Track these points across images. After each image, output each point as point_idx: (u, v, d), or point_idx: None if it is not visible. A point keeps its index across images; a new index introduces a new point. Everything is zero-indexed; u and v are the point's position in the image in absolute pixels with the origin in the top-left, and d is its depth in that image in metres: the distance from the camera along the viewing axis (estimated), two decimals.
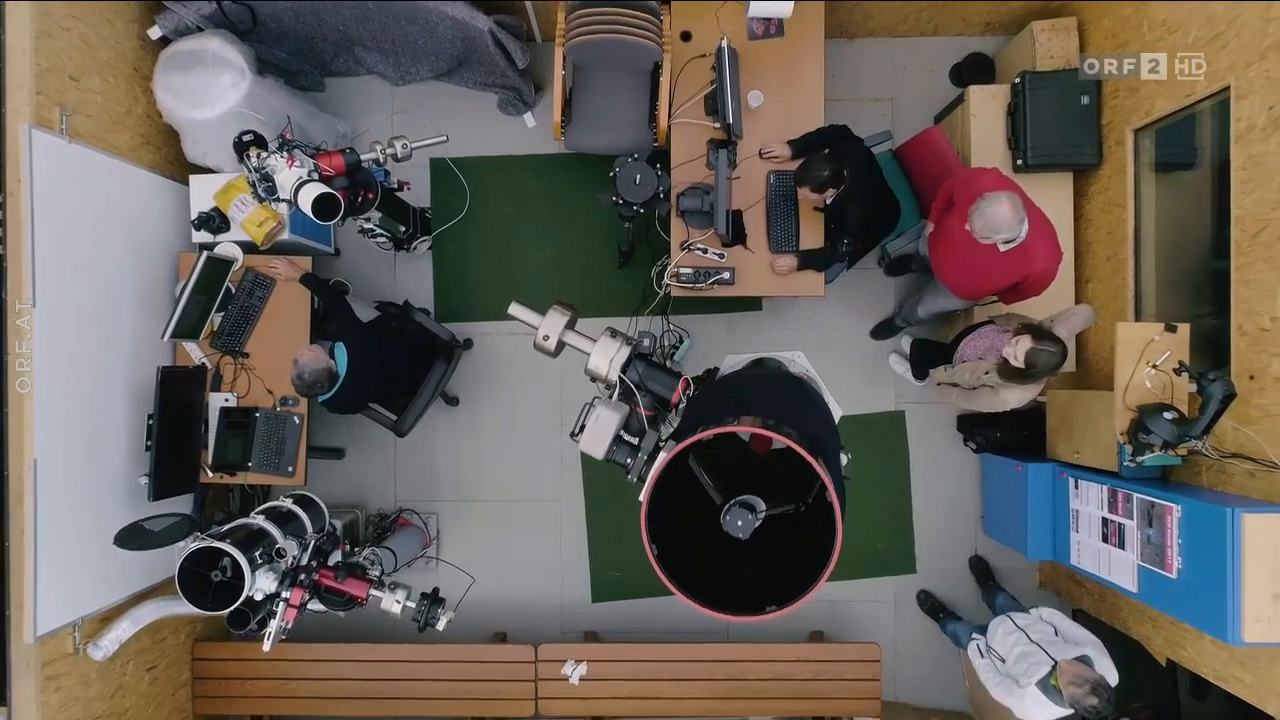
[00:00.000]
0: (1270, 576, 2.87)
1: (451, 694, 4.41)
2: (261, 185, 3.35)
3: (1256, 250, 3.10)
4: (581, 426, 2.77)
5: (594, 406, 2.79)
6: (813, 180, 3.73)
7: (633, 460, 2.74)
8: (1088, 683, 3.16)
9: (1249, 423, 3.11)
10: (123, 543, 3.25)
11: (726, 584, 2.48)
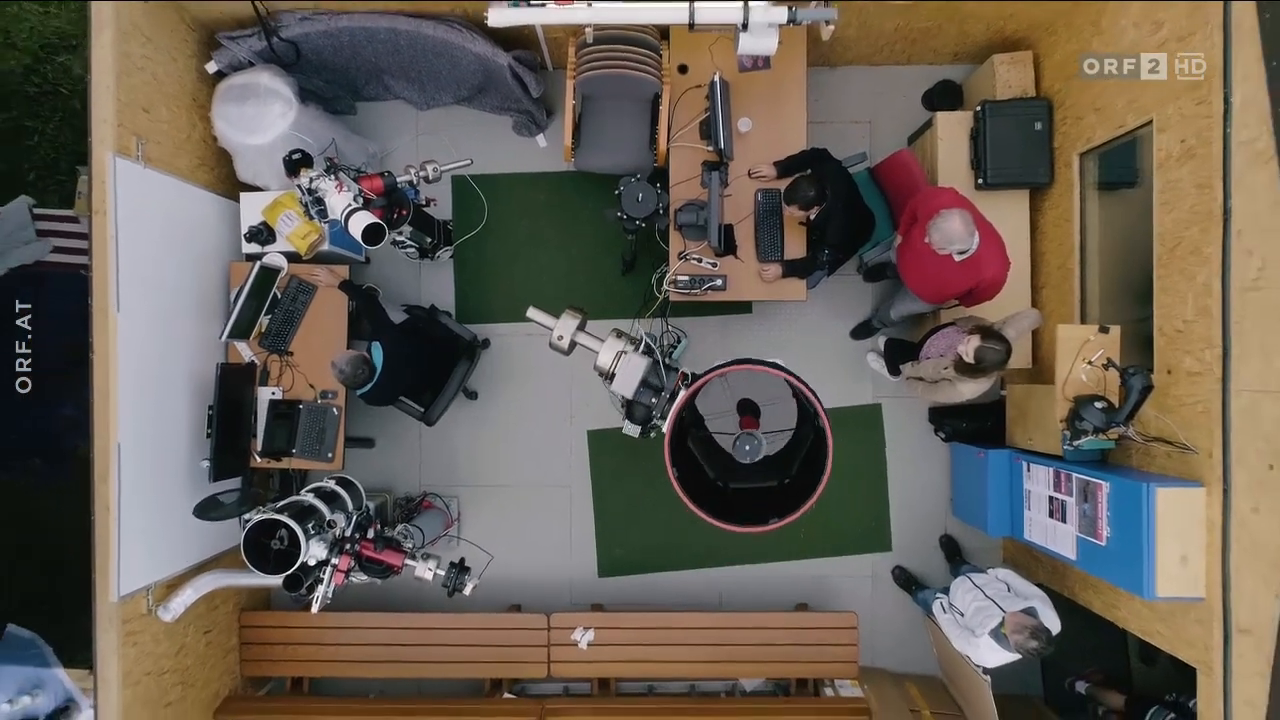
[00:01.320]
0: (1179, 541, 3.36)
1: (472, 658, 4.90)
2: (314, 207, 3.86)
3: (1173, 263, 3.60)
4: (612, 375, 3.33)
5: (625, 355, 3.36)
6: (800, 199, 4.22)
7: (656, 399, 3.30)
8: (1029, 629, 3.67)
9: (1167, 411, 3.60)
10: (201, 513, 3.75)
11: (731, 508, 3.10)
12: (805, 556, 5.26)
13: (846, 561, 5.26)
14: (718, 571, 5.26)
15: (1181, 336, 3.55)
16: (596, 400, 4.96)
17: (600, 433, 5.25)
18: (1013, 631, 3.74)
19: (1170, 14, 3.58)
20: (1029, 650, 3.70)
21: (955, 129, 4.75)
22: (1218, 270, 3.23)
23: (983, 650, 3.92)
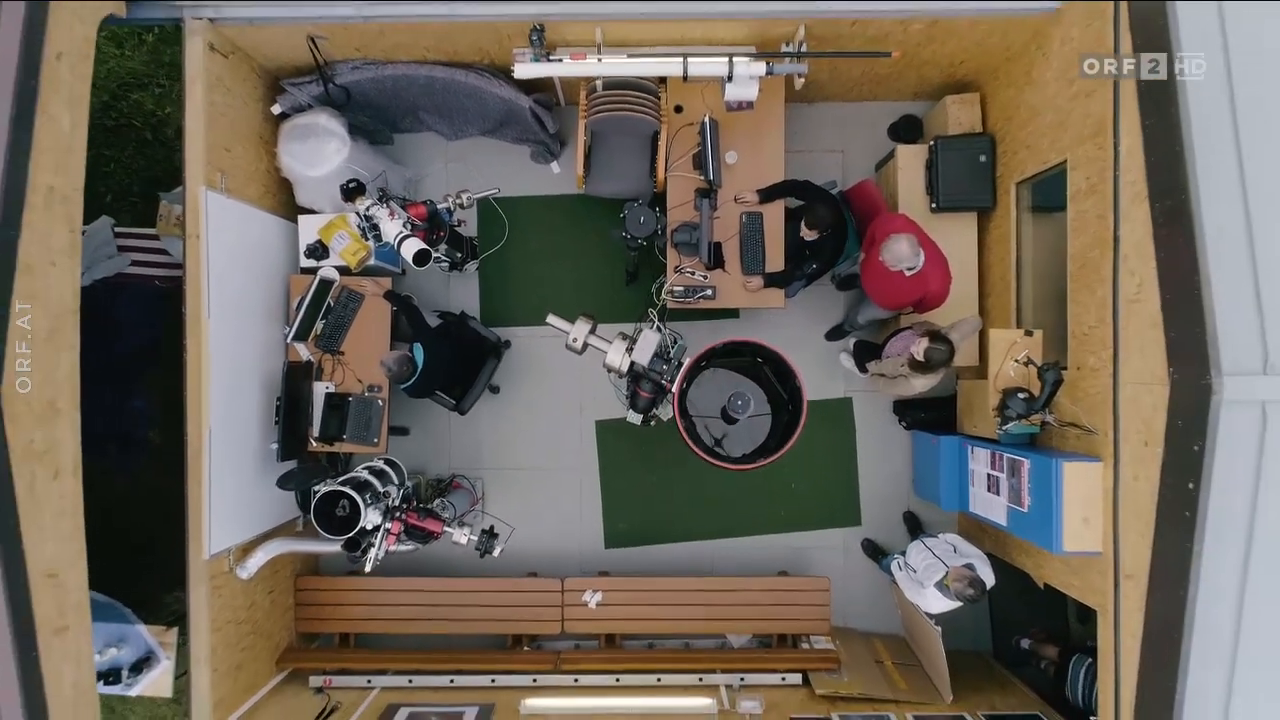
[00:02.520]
0: (1080, 506, 4.12)
1: (495, 617, 5.67)
2: (371, 232, 4.62)
3: (1081, 279, 4.36)
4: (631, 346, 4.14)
5: (643, 330, 4.18)
6: (819, 224, 4.91)
7: (667, 366, 4.10)
8: (967, 579, 4.43)
9: (1077, 401, 4.37)
10: (283, 484, 4.52)
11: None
12: (785, 530, 6.02)
13: (821, 534, 6.02)
14: (709, 543, 6.03)
15: (1087, 339, 4.31)
16: (604, 394, 5.70)
17: (607, 423, 6.01)
18: (954, 581, 4.51)
19: (1066, 90, 4.35)
20: (966, 597, 4.47)
21: (913, 160, 5.51)
22: (1110, 286, 3.99)
23: (929, 598, 4.68)
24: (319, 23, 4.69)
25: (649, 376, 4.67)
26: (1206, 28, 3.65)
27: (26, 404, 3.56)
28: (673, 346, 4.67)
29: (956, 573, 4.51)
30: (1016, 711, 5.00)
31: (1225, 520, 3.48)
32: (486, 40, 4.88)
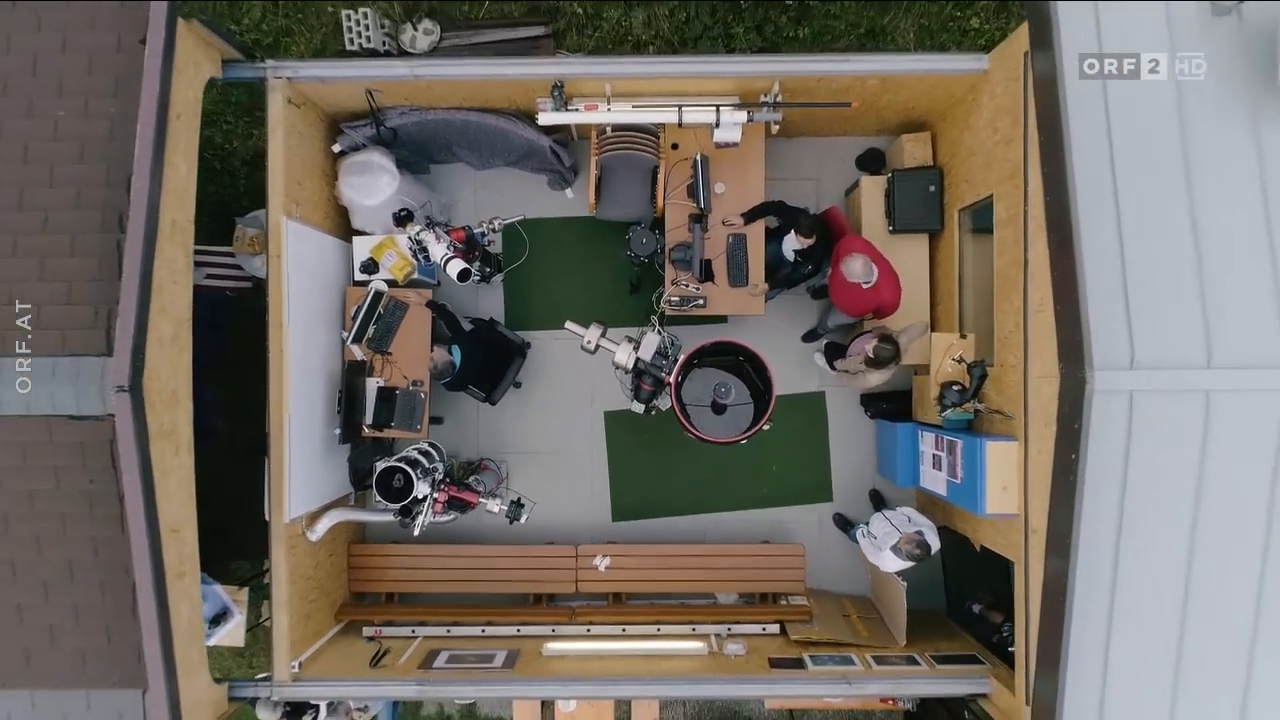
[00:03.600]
0: (1000, 477, 5.08)
1: (518, 578, 6.64)
2: (420, 253, 5.60)
3: (1003, 292, 5.33)
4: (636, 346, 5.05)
5: (645, 333, 5.12)
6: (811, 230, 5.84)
7: (665, 362, 5.03)
8: (915, 542, 5.40)
9: (1000, 392, 5.34)
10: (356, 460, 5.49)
11: None
12: (767, 506, 6.99)
13: (798, 510, 6.99)
14: (702, 517, 7.00)
15: (1007, 341, 5.28)
16: (611, 388, 6.63)
17: (614, 413, 6.97)
18: (905, 544, 5.48)
19: (1002, 123, 5.32)
20: (914, 557, 5.45)
21: (874, 189, 6.48)
22: (1021, 299, 4.95)
23: (886, 559, 5.66)
24: (377, 80, 5.67)
25: (650, 372, 5.65)
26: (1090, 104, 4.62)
27: (159, 394, 4.52)
28: (670, 347, 5.64)
29: (907, 537, 5.49)
30: (958, 652, 5.96)
31: (1101, 483, 4.44)
32: (515, 93, 5.86)
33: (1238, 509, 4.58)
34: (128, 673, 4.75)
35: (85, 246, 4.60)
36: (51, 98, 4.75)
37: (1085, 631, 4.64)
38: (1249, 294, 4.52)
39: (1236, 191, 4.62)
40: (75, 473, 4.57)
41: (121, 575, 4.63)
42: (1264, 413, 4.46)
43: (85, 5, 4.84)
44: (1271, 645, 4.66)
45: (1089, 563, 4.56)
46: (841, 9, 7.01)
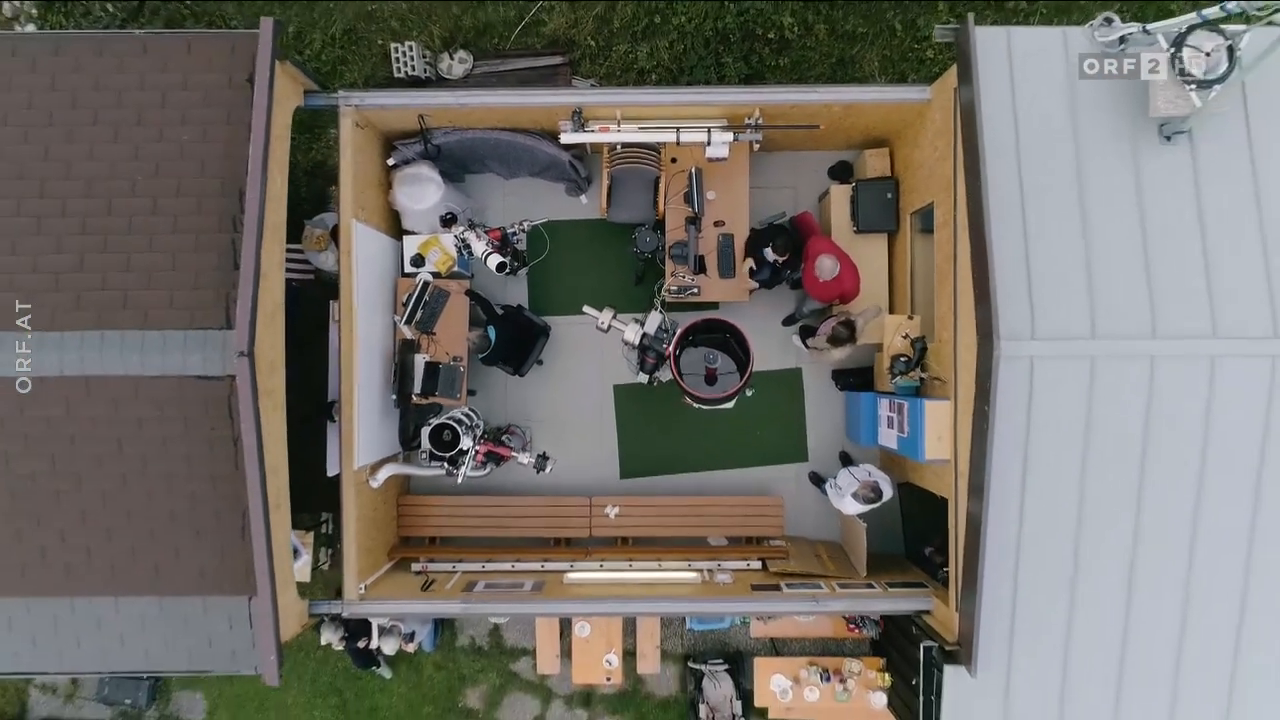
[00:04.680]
0: (936, 429, 6.28)
1: (541, 524, 7.85)
2: (465, 250, 6.81)
3: (941, 281, 6.54)
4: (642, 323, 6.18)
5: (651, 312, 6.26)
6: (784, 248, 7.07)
7: (667, 334, 6.18)
8: (868, 487, 6.61)
9: (939, 362, 6.55)
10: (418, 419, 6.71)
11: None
12: (753, 465, 8.19)
13: (779, 469, 8.19)
14: (697, 475, 8.20)
15: (943, 320, 6.49)
16: (620, 366, 7.82)
17: (622, 386, 8.17)
18: (862, 490, 6.69)
19: (940, 142, 6.52)
20: (869, 500, 6.66)
21: (842, 196, 7.69)
22: (952, 289, 6.16)
23: (847, 503, 6.86)
24: (427, 107, 6.89)
25: (653, 347, 6.86)
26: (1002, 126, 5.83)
27: (265, 360, 5.71)
28: (669, 326, 6.86)
29: (864, 484, 6.70)
30: (908, 580, 7.16)
31: (1009, 432, 5.64)
32: (541, 116, 7.07)
33: (1119, 451, 5.79)
34: (237, 583, 5.95)
35: (206, 243, 5.80)
36: (176, 125, 5.95)
37: (999, 551, 5.84)
38: (1125, 280, 5.74)
39: (1118, 200, 5.85)
40: (199, 422, 5.77)
41: (233, 505, 5.83)
42: (1136, 373, 5.67)
43: (202, 51, 6.05)
44: (1149, 553, 5.86)
45: (1000, 496, 5.74)
46: (815, 42, 8.21)
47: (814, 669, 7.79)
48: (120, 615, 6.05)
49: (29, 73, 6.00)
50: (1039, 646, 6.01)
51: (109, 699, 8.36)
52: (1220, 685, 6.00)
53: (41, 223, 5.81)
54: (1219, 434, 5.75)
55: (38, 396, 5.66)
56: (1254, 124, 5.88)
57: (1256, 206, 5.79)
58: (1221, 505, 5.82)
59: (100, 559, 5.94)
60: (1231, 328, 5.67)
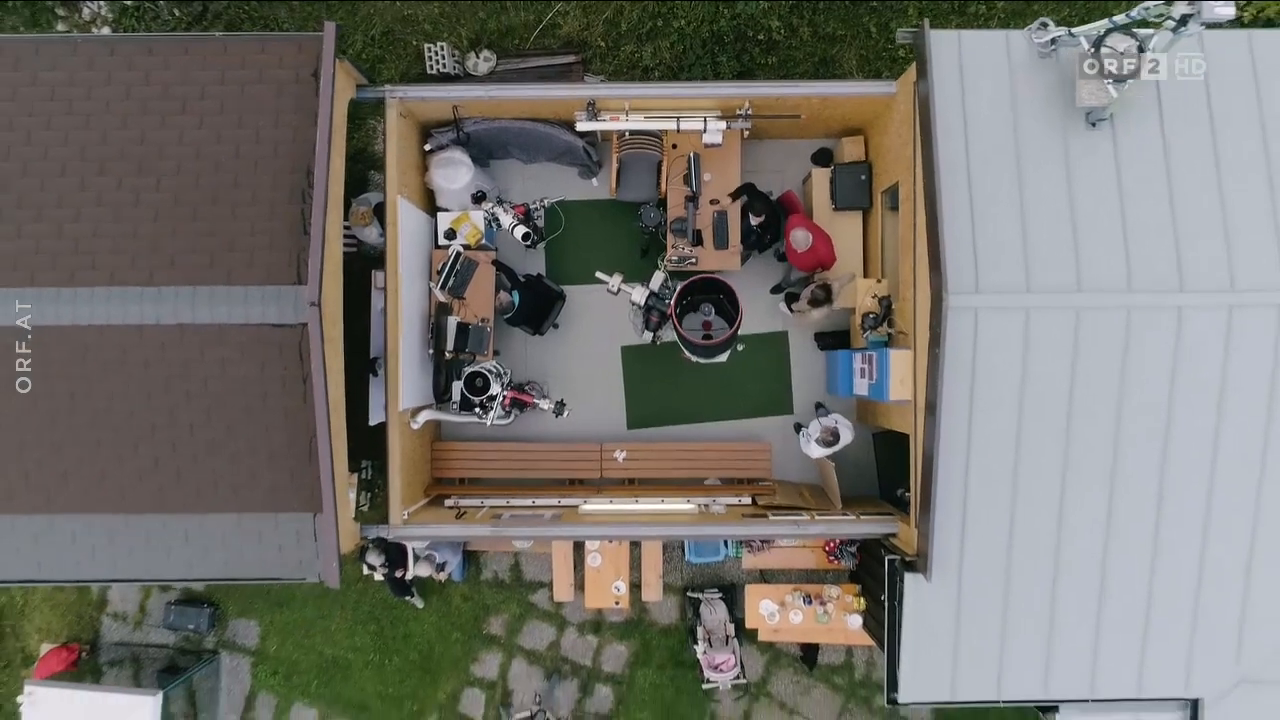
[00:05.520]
0: (899, 374, 7.32)
1: (557, 467, 8.91)
2: (494, 223, 7.88)
3: (904, 249, 7.60)
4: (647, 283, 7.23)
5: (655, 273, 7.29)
6: (760, 211, 8.16)
7: (669, 291, 7.22)
8: (828, 431, 7.68)
9: (903, 318, 7.61)
10: (454, 369, 7.77)
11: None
12: (744, 417, 9.25)
13: (767, 420, 9.25)
14: (695, 425, 9.26)
15: (906, 282, 7.55)
16: (626, 329, 8.89)
17: (629, 347, 9.22)
18: (822, 434, 7.76)
19: (903, 130, 7.56)
20: (827, 443, 7.75)
21: (822, 178, 8.75)
22: (913, 255, 7.22)
23: (812, 448, 7.94)
24: (461, 99, 7.95)
25: (657, 307, 7.92)
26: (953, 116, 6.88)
27: (329, 312, 6.76)
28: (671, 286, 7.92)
29: (824, 430, 7.78)
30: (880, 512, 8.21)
31: (957, 375, 6.70)
32: (559, 108, 8.13)
33: (1050, 389, 6.85)
34: (304, 502, 7.02)
35: (279, 213, 6.86)
36: (253, 114, 7.02)
37: (950, 475, 6.90)
38: (1056, 244, 6.79)
39: (1050, 177, 6.90)
40: (274, 363, 6.84)
41: (301, 434, 6.90)
42: (1064, 322, 6.72)
43: (274, 50, 7.12)
44: (1076, 475, 6.92)
45: (950, 427, 6.80)
46: (800, 43, 9.27)
47: (798, 595, 8.84)
48: (204, 530, 7.12)
49: (126, 69, 7.07)
50: (984, 555, 7.07)
51: (174, 625, 9.41)
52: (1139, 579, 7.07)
53: (140, 196, 6.88)
54: (1135, 374, 6.81)
55: (140, 342, 6.73)
56: (1166, 111, 6.93)
57: (1167, 180, 6.84)
58: (1137, 435, 6.88)
59: (188, 481, 7.01)
60: (1145, 284, 6.72)
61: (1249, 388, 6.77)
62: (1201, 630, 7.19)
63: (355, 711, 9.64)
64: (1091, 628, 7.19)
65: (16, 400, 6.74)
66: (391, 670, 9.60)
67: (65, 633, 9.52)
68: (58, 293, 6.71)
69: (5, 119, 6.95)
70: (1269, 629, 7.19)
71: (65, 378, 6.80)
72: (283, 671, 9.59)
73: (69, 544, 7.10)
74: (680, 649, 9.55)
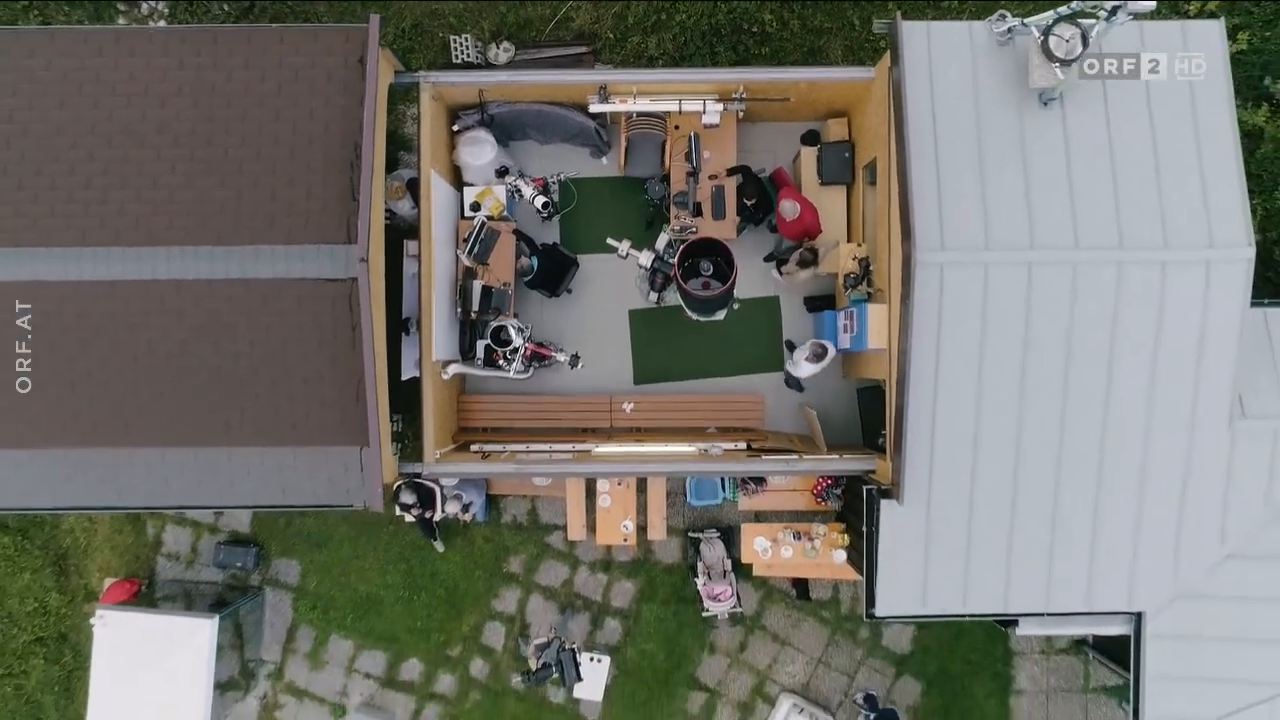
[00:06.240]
0: (876, 325, 8.28)
1: (571, 417, 9.87)
2: (517, 195, 8.86)
3: (880, 216, 8.57)
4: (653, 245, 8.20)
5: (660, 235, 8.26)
6: (749, 193, 9.14)
7: (671, 252, 8.19)
8: (818, 346, 8.67)
9: (879, 277, 8.58)
10: (483, 329, 8.74)
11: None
12: (739, 374, 10.21)
13: (761, 376, 10.21)
14: (695, 381, 10.23)
15: (882, 246, 8.52)
16: (633, 294, 9.86)
17: (636, 310, 10.17)
18: (811, 347, 8.75)
19: (880, 111, 8.52)
20: (818, 357, 8.71)
21: (810, 156, 9.72)
22: (886, 224, 8.18)
23: (802, 368, 8.93)
24: (486, 84, 8.92)
25: (661, 269, 8.89)
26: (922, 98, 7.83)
27: (374, 268, 7.71)
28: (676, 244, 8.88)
29: (812, 345, 8.78)
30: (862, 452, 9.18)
31: (925, 325, 7.65)
32: (573, 92, 9.11)
33: (1007, 335, 7.82)
34: (351, 436, 7.97)
35: (331, 181, 7.82)
36: (306, 95, 7.98)
37: (920, 411, 7.86)
38: (1011, 207, 7.75)
39: (1007, 149, 7.86)
40: (326, 314, 7.80)
41: (350, 376, 7.85)
42: (1018, 275, 7.68)
43: (325, 39, 8.08)
44: (1031, 411, 7.88)
45: (920, 372, 7.76)
46: (790, 34, 10.24)
47: (789, 532, 9.80)
48: (264, 462, 8.09)
49: (195, 55, 8.03)
50: (950, 482, 8.04)
51: (222, 563, 10.38)
52: (1086, 504, 8.04)
53: (209, 166, 7.85)
54: (1081, 323, 7.77)
55: (210, 295, 7.70)
56: (1109, 91, 7.89)
57: (1109, 152, 7.80)
58: (1084, 374, 7.84)
59: (250, 418, 7.97)
60: (1090, 241, 7.68)
61: (1180, 330, 7.72)
62: (1142, 550, 8.16)
63: (387, 643, 10.61)
64: (1045, 548, 8.16)
65: (114, 345, 7.69)
66: (420, 605, 10.57)
67: (124, 571, 10.49)
68: (139, 251, 7.67)
69: (91, 100, 7.90)
70: (1200, 550, 8.15)
71: (145, 327, 7.76)
72: (321, 606, 10.56)
73: (146, 474, 8.07)
74: (682, 586, 10.53)
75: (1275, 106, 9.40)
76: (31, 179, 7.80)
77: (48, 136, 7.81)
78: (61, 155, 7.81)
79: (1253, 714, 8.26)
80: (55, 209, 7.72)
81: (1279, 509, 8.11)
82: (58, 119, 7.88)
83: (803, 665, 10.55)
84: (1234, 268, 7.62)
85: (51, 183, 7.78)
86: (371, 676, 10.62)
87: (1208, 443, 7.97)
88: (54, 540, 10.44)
